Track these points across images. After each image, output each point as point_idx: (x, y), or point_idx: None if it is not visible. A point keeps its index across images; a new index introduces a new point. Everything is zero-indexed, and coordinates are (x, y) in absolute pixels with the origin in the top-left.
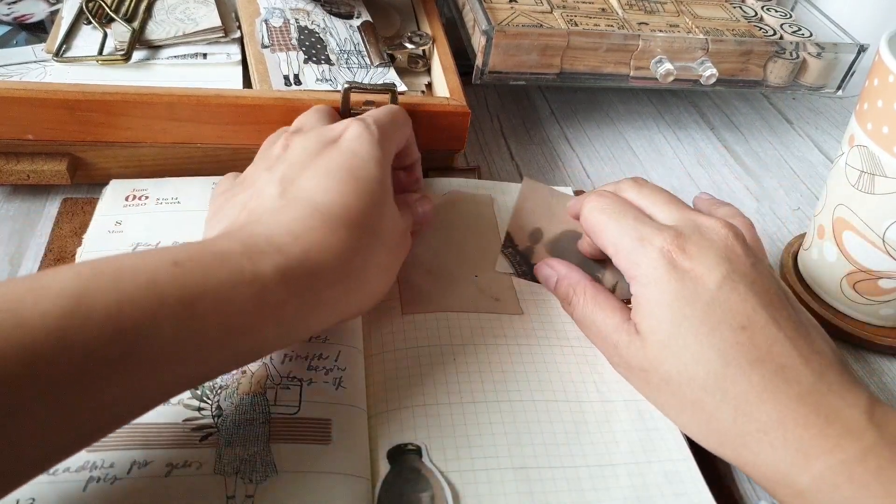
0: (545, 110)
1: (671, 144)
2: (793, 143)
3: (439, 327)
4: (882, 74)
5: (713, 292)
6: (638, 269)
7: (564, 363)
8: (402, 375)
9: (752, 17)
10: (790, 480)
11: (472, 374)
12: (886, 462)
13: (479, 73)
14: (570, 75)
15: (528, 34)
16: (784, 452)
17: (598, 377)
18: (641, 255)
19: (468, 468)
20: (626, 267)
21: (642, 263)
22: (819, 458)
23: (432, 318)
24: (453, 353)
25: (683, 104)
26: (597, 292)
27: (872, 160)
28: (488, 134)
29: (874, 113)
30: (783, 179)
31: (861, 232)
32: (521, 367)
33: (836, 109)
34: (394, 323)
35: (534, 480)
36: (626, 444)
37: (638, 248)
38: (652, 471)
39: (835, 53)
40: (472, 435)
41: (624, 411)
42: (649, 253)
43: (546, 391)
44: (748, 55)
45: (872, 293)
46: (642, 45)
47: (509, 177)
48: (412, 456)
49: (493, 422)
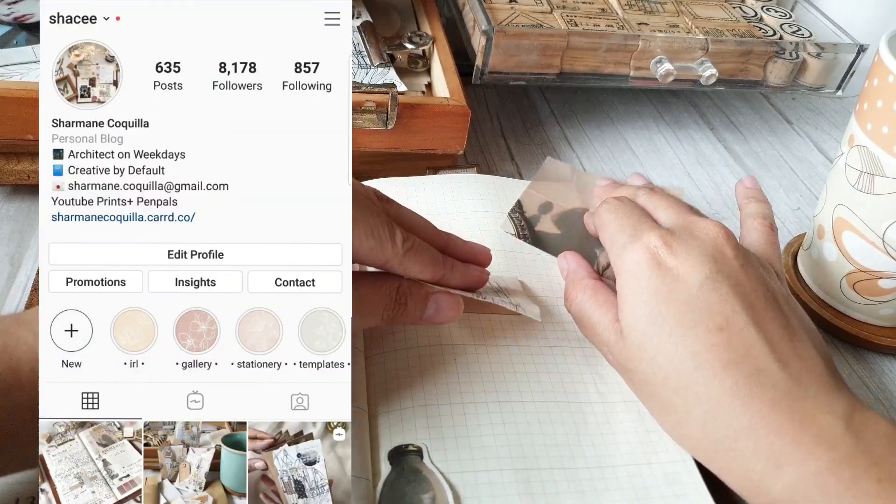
0: (545, 110)
1: (671, 145)
2: (793, 144)
3: (440, 327)
4: (882, 74)
5: (693, 291)
6: (623, 265)
7: (565, 364)
8: (403, 376)
9: (752, 17)
10: (762, 489)
11: (472, 375)
12: (861, 472)
13: (479, 73)
14: (569, 75)
15: (528, 34)
16: (755, 461)
17: (598, 378)
18: (630, 251)
19: (469, 469)
20: (615, 262)
21: (628, 259)
22: (791, 466)
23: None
24: (454, 353)
25: (683, 104)
26: (597, 290)
27: (872, 160)
28: (488, 134)
29: (874, 113)
30: (783, 179)
31: (861, 232)
32: (521, 367)
33: (835, 109)
34: (394, 331)
35: (534, 481)
36: (626, 445)
37: (628, 245)
38: (652, 472)
39: (834, 53)
40: (472, 436)
41: (624, 412)
42: (637, 249)
43: (546, 392)
44: (748, 55)
45: (872, 293)
46: (642, 46)
47: (509, 177)
48: (413, 457)
49: (493, 422)
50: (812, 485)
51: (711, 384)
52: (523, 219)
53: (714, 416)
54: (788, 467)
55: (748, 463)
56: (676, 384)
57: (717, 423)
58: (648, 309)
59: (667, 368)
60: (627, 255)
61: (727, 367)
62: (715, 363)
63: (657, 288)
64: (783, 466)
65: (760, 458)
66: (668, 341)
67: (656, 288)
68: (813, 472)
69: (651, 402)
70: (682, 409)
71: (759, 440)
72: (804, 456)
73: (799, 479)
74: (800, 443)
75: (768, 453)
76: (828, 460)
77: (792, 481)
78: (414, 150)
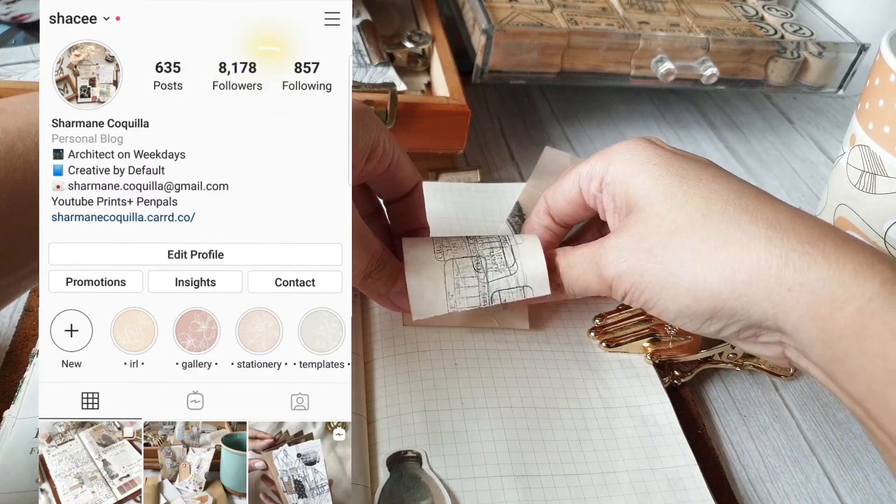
0: (545, 110)
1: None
2: (794, 143)
3: (440, 331)
4: (883, 74)
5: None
6: (614, 154)
7: (567, 370)
8: (402, 381)
9: (754, 16)
10: (855, 290)
11: (472, 381)
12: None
13: (479, 72)
14: (570, 74)
15: (529, 33)
16: (843, 260)
17: (601, 383)
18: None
19: (468, 475)
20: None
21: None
22: (882, 263)
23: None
24: (454, 358)
25: (684, 104)
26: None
27: (874, 160)
28: (488, 134)
29: (875, 112)
30: (784, 179)
31: (862, 231)
32: (522, 372)
33: (837, 109)
34: (394, 329)
35: (534, 488)
36: (628, 450)
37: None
38: (655, 477)
39: (836, 53)
40: (472, 442)
41: (627, 417)
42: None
43: (547, 398)
44: (749, 54)
45: None
46: (643, 45)
47: (509, 177)
48: (412, 463)
49: (493, 428)
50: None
51: (765, 204)
52: (522, 221)
53: (781, 228)
54: (880, 265)
55: (835, 266)
56: (725, 212)
57: (786, 232)
58: (665, 164)
59: (707, 204)
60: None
61: (772, 200)
62: (760, 193)
63: (664, 153)
64: (875, 265)
65: (849, 258)
66: (700, 182)
67: (663, 153)
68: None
69: (683, 251)
70: (738, 234)
71: (839, 243)
72: (881, 258)
73: (890, 271)
74: (869, 253)
75: (854, 253)
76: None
77: (886, 277)
78: (414, 149)
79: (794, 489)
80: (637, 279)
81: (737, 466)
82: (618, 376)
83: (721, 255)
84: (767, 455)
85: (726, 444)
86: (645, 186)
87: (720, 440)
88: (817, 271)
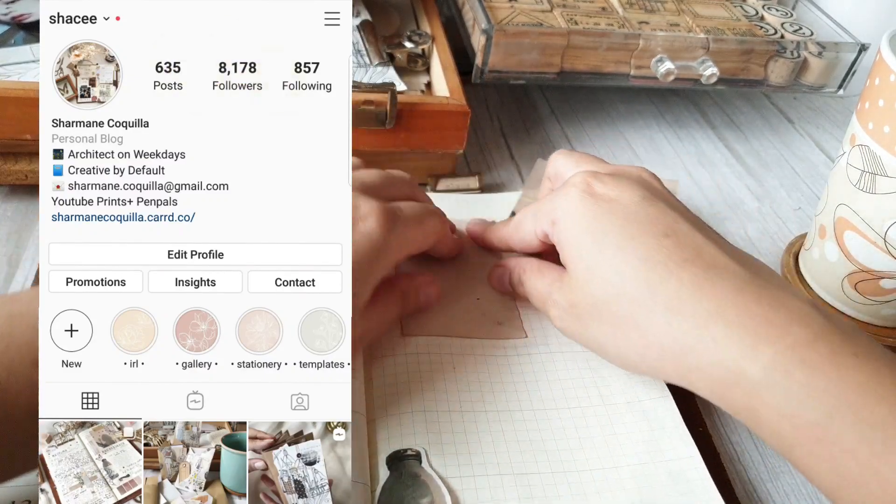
0: (545, 110)
1: (672, 144)
2: (794, 143)
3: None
4: (883, 73)
5: (631, 208)
6: (556, 211)
7: (565, 370)
8: (402, 380)
9: (753, 16)
10: (740, 375)
11: (472, 380)
12: (837, 346)
13: (478, 72)
14: (570, 74)
15: (528, 33)
16: (728, 346)
17: (601, 380)
18: (561, 197)
19: (468, 474)
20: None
21: (560, 204)
22: (767, 345)
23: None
24: (453, 360)
25: (684, 103)
26: (542, 265)
27: (874, 159)
28: (488, 134)
29: (875, 112)
30: (784, 179)
31: (862, 232)
32: (521, 374)
33: (837, 109)
34: (393, 338)
35: (535, 486)
36: (629, 445)
37: (558, 193)
38: (657, 471)
39: (836, 52)
40: (472, 441)
41: (628, 413)
42: (567, 192)
43: (547, 399)
44: (749, 54)
45: (874, 293)
46: (643, 45)
47: (509, 177)
48: (412, 461)
49: (493, 427)
50: (791, 359)
51: (669, 281)
52: None
53: (678, 310)
54: (765, 346)
55: (721, 349)
56: (633, 292)
57: (682, 316)
58: (591, 232)
59: (619, 281)
60: (560, 200)
61: (682, 264)
62: (669, 262)
63: (595, 212)
64: (759, 346)
65: (734, 341)
66: (616, 255)
67: (594, 213)
68: (790, 347)
69: (605, 327)
70: (643, 316)
71: (729, 323)
72: (779, 333)
73: (777, 355)
74: (773, 322)
75: (742, 334)
76: (804, 336)
77: (770, 359)
78: (413, 149)
79: (794, 489)
80: (577, 338)
81: (737, 466)
82: (618, 374)
83: (633, 336)
84: (767, 455)
85: (726, 443)
86: (573, 256)
87: (720, 440)
88: (708, 356)
